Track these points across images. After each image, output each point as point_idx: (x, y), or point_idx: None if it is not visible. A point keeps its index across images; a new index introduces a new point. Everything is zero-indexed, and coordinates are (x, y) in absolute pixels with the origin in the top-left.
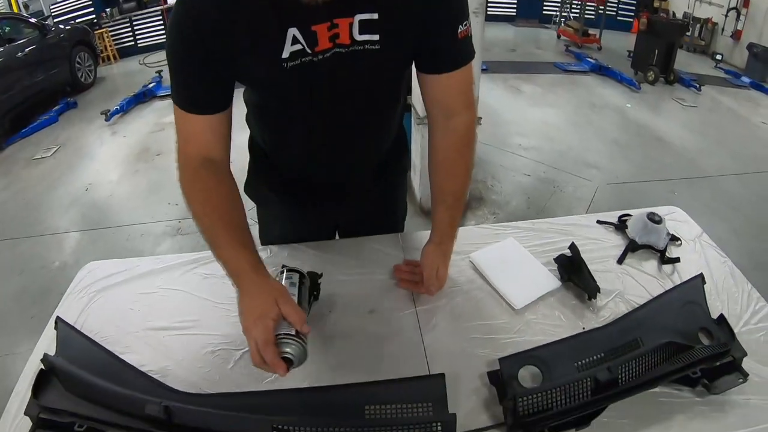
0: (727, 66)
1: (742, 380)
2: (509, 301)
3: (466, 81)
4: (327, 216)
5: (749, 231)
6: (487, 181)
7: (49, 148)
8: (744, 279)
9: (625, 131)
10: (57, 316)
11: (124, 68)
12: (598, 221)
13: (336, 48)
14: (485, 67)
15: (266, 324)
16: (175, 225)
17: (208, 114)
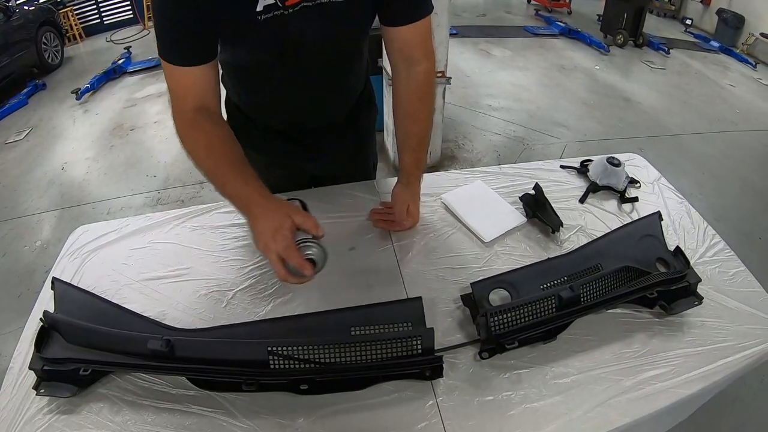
0: (696, 30)
1: (698, 303)
2: (479, 235)
3: (425, 32)
4: (302, 167)
5: (712, 186)
6: (458, 141)
7: (20, 131)
8: (700, 218)
9: (593, 92)
10: (53, 276)
11: (91, 47)
12: (561, 166)
13: (304, 2)
14: (455, 31)
15: (284, 234)
16: (155, 196)
17: (198, 65)
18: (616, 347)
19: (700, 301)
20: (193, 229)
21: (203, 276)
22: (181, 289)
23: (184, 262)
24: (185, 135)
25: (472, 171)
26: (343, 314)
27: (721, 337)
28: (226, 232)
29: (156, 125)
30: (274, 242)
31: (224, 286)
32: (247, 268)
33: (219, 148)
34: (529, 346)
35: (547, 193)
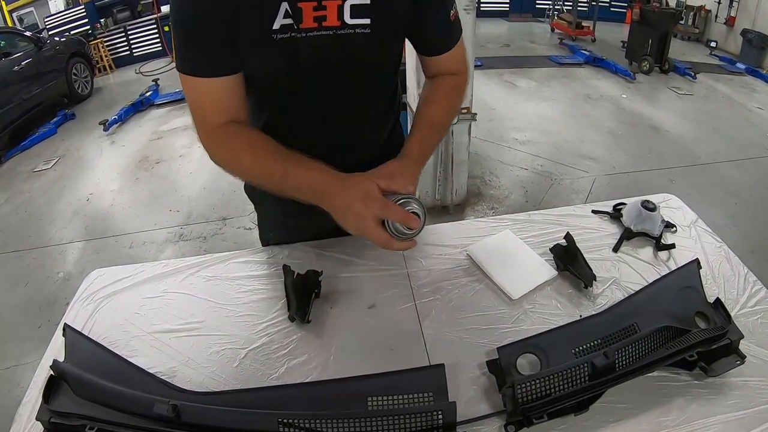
0: (721, 53)
1: (740, 362)
2: (506, 291)
3: (460, 54)
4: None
5: (746, 216)
6: (484, 177)
7: (49, 160)
8: (740, 263)
9: (620, 122)
10: (64, 323)
11: (121, 78)
12: (593, 211)
13: (322, 30)
14: (480, 63)
15: (376, 197)
16: (178, 231)
17: (223, 75)
18: (653, 415)
19: (742, 360)
20: (207, 279)
21: (216, 331)
22: (192, 344)
23: (198, 315)
24: (217, 150)
25: (499, 219)
26: (360, 383)
27: (765, 398)
28: (241, 284)
29: (181, 159)
30: (367, 208)
31: (237, 343)
32: (261, 325)
33: (263, 147)
34: (559, 418)
35: (578, 242)
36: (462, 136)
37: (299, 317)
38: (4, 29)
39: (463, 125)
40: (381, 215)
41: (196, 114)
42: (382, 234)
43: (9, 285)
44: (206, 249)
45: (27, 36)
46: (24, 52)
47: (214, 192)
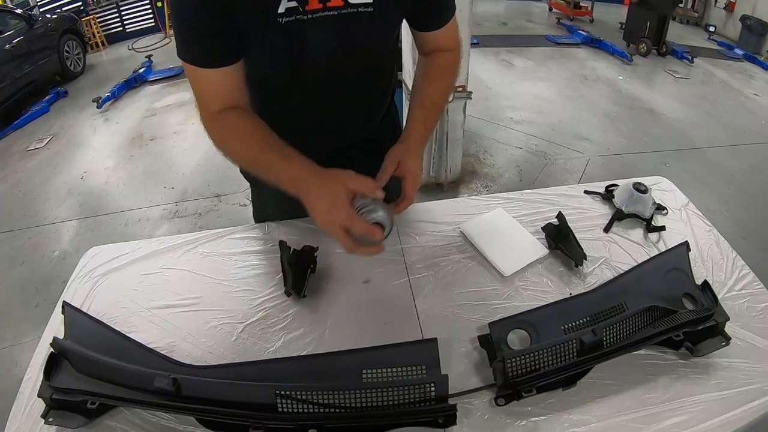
0: (720, 38)
1: (725, 343)
2: (498, 268)
3: (453, 29)
4: None
5: (739, 201)
6: (479, 155)
7: (42, 138)
8: (729, 247)
9: (616, 104)
10: (63, 300)
11: (114, 55)
12: (585, 191)
13: (327, 10)
14: (476, 41)
15: (342, 205)
16: (173, 208)
17: (224, 65)
18: (639, 392)
19: (727, 342)
20: (205, 256)
21: (214, 306)
22: (191, 319)
23: (195, 291)
24: (214, 133)
25: (492, 197)
26: (355, 356)
27: (748, 380)
28: (238, 260)
29: (175, 136)
30: (331, 215)
31: (235, 318)
32: (258, 300)
33: (253, 137)
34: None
35: (570, 221)
36: (457, 114)
37: (295, 292)
38: None
39: (458, 103)
40: (345, 225)
41: (197, 98)
42: (347, 241)
43: (4, 265)
44: (201, 225)
45: (17, 14)
46: (15, 30)
47: (209, 169)
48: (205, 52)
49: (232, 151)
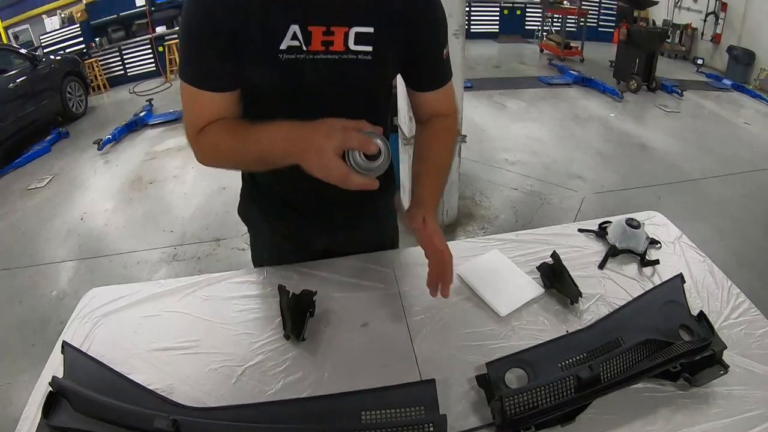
0: (708, 70)
1: (723, 372)
2: (495, 309)
3: (450, 94)
4: (313, 240)
5: (734, 230)
6: (475, 197)
7: (42, 178)
8: (724, 276)
9: (609, 141)
10: (63, 340)
11: (115, 97)
12: (579, 230)
13: (328, 54)
14: (470, 84)
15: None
16: (172, 251)
17: (223, 91)
18: (639, 425)
19: (726, 370)
20: (204, 299)
21: (213, 350)
22: (190, 362)
23: (194, 334)
24: (203, 143)
25: (488, 239)
26: (354, 398)
27: (748, 407)
28: (237, 304)
29: (175, 179)
30: (328, 139)
31: (234, 361)
32: (257, 343)
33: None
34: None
35: (565, 260)
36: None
37: (294, 335)
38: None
39: None
40: (341, 144)
41: (189, 118)
42: (341, 166)
43: (2, 303)
44: (200, 269)
45: (22, 53)
46: (19, 69)
47: (208, 213)
48: (207, 76)
49: (223, 148)
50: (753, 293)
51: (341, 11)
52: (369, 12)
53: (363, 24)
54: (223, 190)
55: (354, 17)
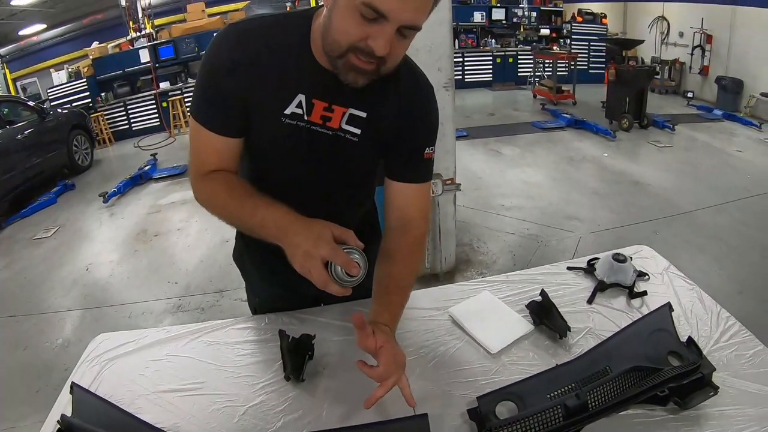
0: (699, 102)
1: (713, 393)
2: (486, 346)
3: (423, 195)
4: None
5: (731, 257)
6: (473, 243)
7: (48, 228)
8: (713, 302)
9: (603, 180)
10: (72, 381)
11: (120, 151)
12: (568, 267)
13: (324, 128)
14: (465, 133)
15: (327, 241)
16: (176, 303)
17: (230, 136)
18: None
19: (715, 391)
20: (208, 344)
21: (217, 391)
22: (194, 402)
23: (199, 377)
24: (201, 188)
25: (479, 282)
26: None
27: (742, 425)
28: (240, 348)
29: (179, 232)
30: (316, 248)
31: (237, 401)
32: (259, 385)
33: (239, 189)
34: None
35: (554, 297)
36: (448, 206)
37: (294, 376)
38: (8, 98)
39: (448, 196)
40: (327, 257)
41: (194, 156)
42: (323, 274)
43: (6, 348)
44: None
45: (31, 106)
46: (28, 121)
47: (211, 265)
48: (217, 119)
49: (219, 202)
50: (755, 319)
51: (344, 93)
52: (367, 99)
53: (358, 108)
54: (225, 243)
55: (353, 101)
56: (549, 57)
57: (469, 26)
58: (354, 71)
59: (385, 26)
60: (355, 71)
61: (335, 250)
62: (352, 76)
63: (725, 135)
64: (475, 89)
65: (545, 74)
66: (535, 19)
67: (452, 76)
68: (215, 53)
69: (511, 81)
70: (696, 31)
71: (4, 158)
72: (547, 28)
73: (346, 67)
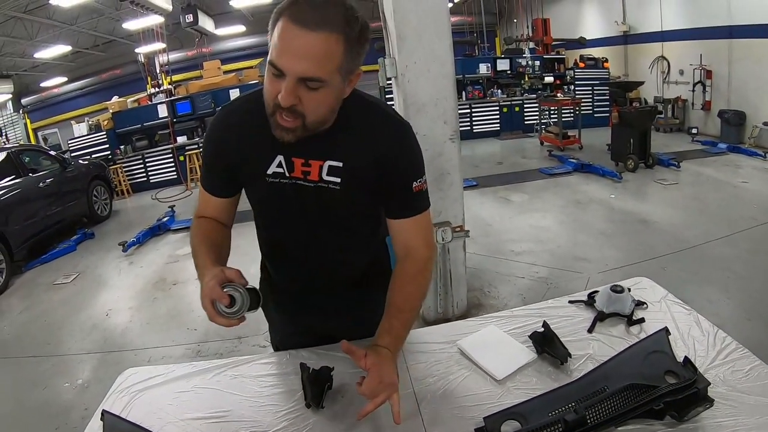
0: (703, 137)
1: (709, 405)
2: (491, 374)
3: (424, 224)
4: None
5: (739, 286)
6: (483, 288)
7: (68, 274)
8: (710, 324)
9: (611, 221)
10: (102, 409)
11: (137, 202)
12: (569, 301)
13: (306, 181)
14: (475, 183)
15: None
16: (195, 348)
17: (218, 197)
18: None
19: (711, 404)
20: (233, 377)
21: (242, 418)
22: (221, 428)
23: (225, 406)
24: (192, 226)
25: (486, 317)
26: None
27: None
28: (263, 381)
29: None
30: (203, 289)
31: (260, 427)
32: (281, 412)
33: (206, 236)
34: None
35: (556, 329)
36: (457, 252)
37: (315, 404)
38: (30, 147)
39: (457, 242)
40: (207, 295)
41: (198, 204)
42: (210, 308)
43: (26, 387)
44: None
45: (53, 156)
46: (49, 170)
47: None
48: (210, 184)
49: (192, 241)
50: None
51: (318, 148)
52: (341, 150)
53: (334, 159)
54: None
55: (327, 153)
56: (554, 104)
57: (475, 78)
58: (279, 128)
59: (286, 80)
60: (280, 128)
61: (212, 288)
62: (278, 132)
63: (730, 167)
64: (484, 139)
65: (551, 121)
66: (538, 67)
67: (457, 128)
68: (209, 131)
69: (518, 129)
70: (695, 68)
71: (26, 205)
72: (550, 75)
73: (274, 125)
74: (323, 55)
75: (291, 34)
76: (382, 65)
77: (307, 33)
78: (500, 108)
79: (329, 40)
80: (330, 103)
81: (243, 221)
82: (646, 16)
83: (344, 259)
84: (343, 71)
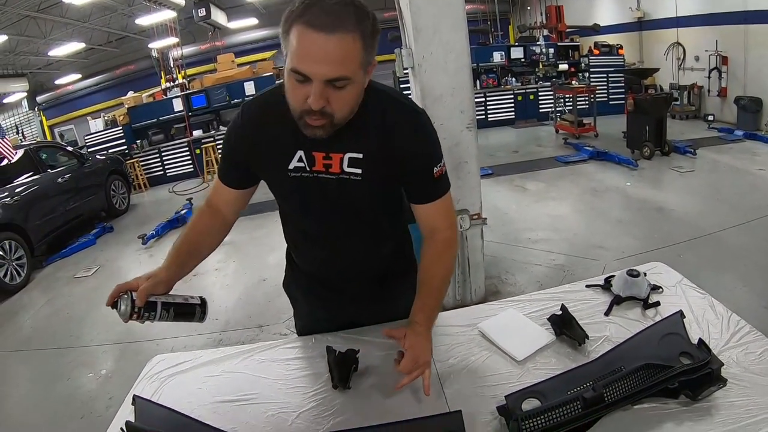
0: (720, 124)
1: (722, 385)
2: (512, 355)
3: (445, 207)
4: (343, 311)
5: (756, 274)
6: (501, 276)
7: (89, 268)
8: (724, 308)
9: (627, 209)
10: (134, 394)
11: (155, 196)
12: (586, 285)
13: (327, 174)
14: (491, 171)
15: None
16: (217, 337)
17: (228, 186)
18: None
19: (724, 383)
20: (260, 362)
21: (271, 400)
22: (251, 410)
23: (254, 389)
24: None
25: (505, 301)
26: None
27: (753, 413)
28: (290, 364)
29: (216, 272)
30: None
31: (289, 408)
32: (309, 393)
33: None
34: None
35: (573, 312)
36: (475, 240)
37: (341, 385)
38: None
39: (475, 230)
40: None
41: (210, 193)
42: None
43: (51, 379)
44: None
45: (71, 152)
46: (67, 166)
47: (250, 303)
48: (226, 176)
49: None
50: None
51: (338, 141)
52: (360, 142)
53: (354, 151)
54: (263, 282)
55: (347, 146)
56: (569, 92)
57: (489, 66)
58: (311, 128)
59: (314, 84)
60: (311, 128)
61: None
62: (310, 131)
63: (747, 155)
64: (499, 128)
65: (566, 109)
66: (552, 55)
67: (474, 117)
68: (231, 127)
69: (533, 117)
70: (711, 54)
71: (45, 201)
72: (565, 63)
73: (304, 126)
74: (345, 56)
75: (310, 39)
76: (399, 56)
77: (326, 37)
78: (515, 96)
79: (347, 40)
80: (355, 97)
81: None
82: (661, 2)
83: (367, 249)
84: (363, 65)
